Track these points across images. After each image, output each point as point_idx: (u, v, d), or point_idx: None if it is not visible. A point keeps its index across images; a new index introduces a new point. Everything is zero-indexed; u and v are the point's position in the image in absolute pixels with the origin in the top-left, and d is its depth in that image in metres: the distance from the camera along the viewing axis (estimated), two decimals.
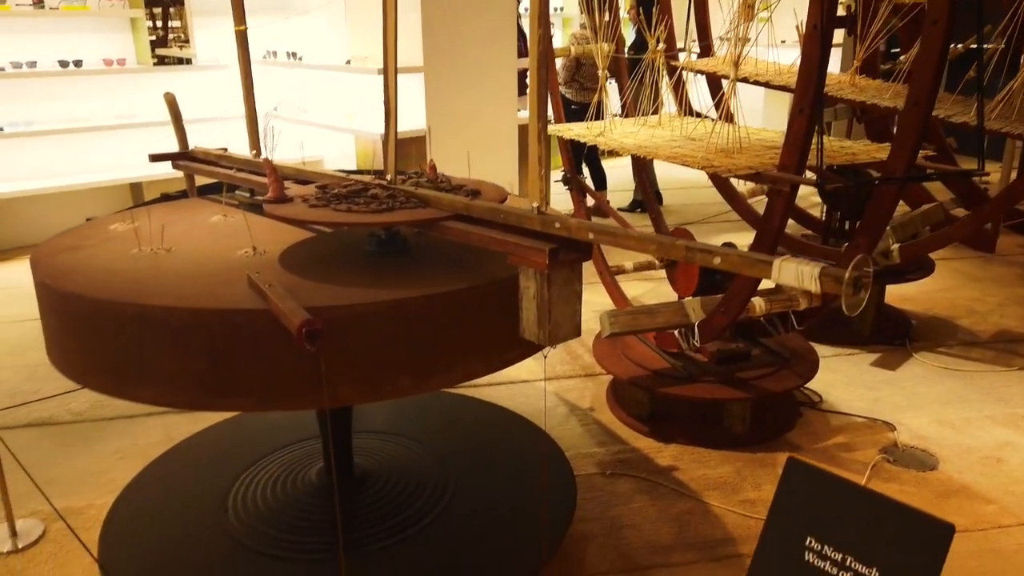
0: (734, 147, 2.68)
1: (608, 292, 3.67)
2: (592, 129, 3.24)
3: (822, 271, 1.19)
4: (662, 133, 3.08)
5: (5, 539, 2.34)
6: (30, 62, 5.27)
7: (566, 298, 1.46)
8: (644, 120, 3.35)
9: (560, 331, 1.47)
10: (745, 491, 2.58)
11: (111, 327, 1.46)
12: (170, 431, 2.99)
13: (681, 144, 2.81)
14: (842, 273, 1.15)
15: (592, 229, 1.49)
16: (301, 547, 2.02)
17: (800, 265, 1.23)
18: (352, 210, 1.67)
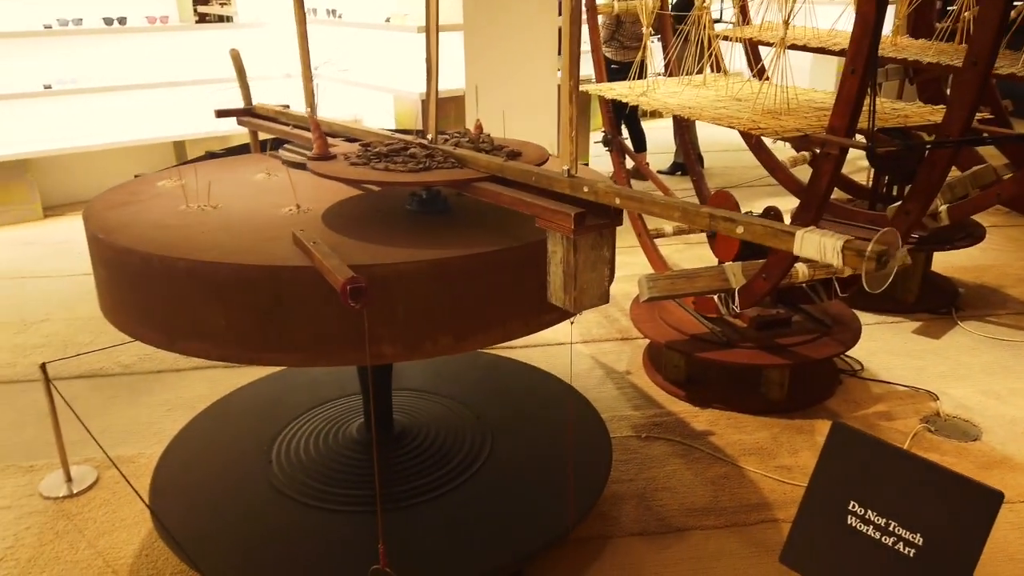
0: (781, 108, 2.61)
1: (647, 255, 3.63)
2: (634, 89, 3.18)
3: (845, 244, 1.14)
4: (706, 93, 3.01)
5: (61, 485, 2.44)
6: (76, 19, 5.33)
7: (593, 264, 1.43)
8: (688, 79, 3.28)
9: (586, 297, 1.45)
10: (781, 457, 2.58)
11: (162, 281, 1.50)
12: (215, 384, 3.07)
13: (726, 105, 2.75)
14: (865, 246, 1.10)
15: (620, 194, 1.45)
16: (341, 499, 2.08)
17: (824, 237, 1.18)
18: (389, 169, 1.67)
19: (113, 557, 2.14)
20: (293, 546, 1.95)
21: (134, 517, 2.30)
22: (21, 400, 2.99)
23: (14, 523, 2.28)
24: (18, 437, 2.73)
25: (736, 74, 3.42)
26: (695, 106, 2.74)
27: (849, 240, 1.13)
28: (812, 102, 2.77)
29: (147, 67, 5.69)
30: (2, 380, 3.14)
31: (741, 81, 3.18)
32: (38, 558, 2.14)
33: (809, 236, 1.18)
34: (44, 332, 3.57)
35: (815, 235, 1.18)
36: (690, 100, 2.86)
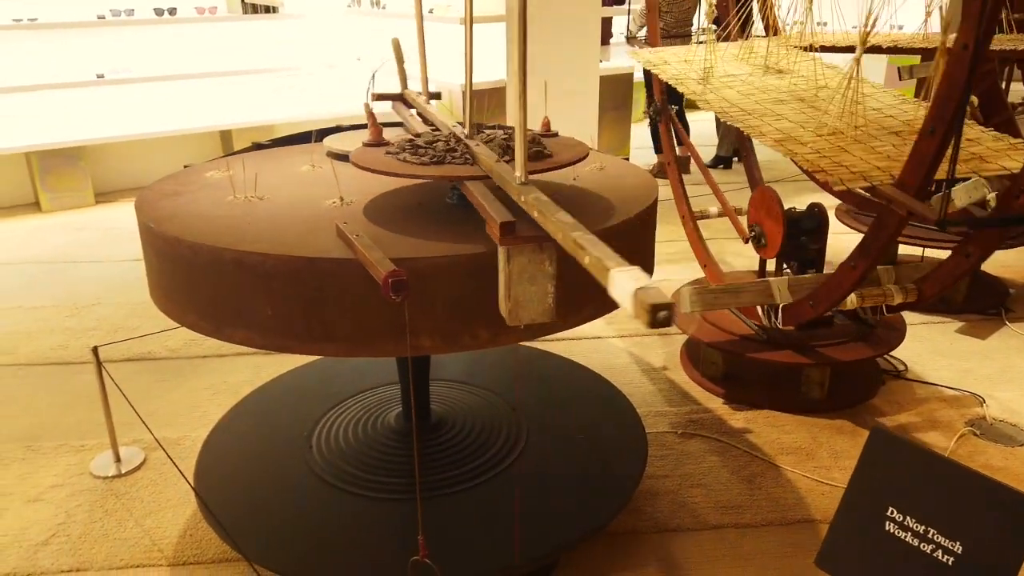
0: (849, 127, 2.46)
1: (688, 238, 3.50)
2: (690, 67, 3.06)
3: (636, 291, 1.00)
4: (767, 85, 2.88)
5: (110, 464, 2.52)
6: (128, 10, 5.46)
7: (531, 276, 1.34)
8: (750, 48, 3.13)
9: (523, 311, 1.35)
10: (820, 457, 2.55)
11: (209, 270, 1.54)
12: (259, 370, 3.14)
13: (789, 113, 2.63)
14: (652, 299, 0.98)
15: (539, 207, 1.32)
16: (380, 487, 2.11)
17: (627, 281, 1.04)
18: (407, 161, 1.67)
19: (159, 536, 2.21)
20: (332, 532, 1.99)
21: (179, 498, 2.37)
22: (73, 382, 3.09)
23: (66, 500, 2.37)
24: (71, 417, 2.83)
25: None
26: (755, 111, 2.64)
27: (642, 288, 1.01)
28: (884, 114, 2.63)
29: (196, 57, 5.81)
30: (55, 362, 3.25)
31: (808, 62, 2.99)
32: (88, 534, 2.22)
33: (615, 276, 1.07)
34: (95, 316, 3.69)
35: (621, 276, 1.06)
36: (751, 101, 2.75)
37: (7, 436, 2.71)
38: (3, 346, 3.38)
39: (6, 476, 2.49)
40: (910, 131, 2.46)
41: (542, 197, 1.36)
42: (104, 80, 5.39)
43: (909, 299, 2.57)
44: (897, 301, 2.58)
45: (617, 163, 2.25)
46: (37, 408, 2.89)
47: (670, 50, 3.34)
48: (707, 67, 3.02)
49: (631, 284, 1.01)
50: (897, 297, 2.55)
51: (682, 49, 3.29)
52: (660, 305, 0.95)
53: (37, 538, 2.20)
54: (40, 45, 5.34)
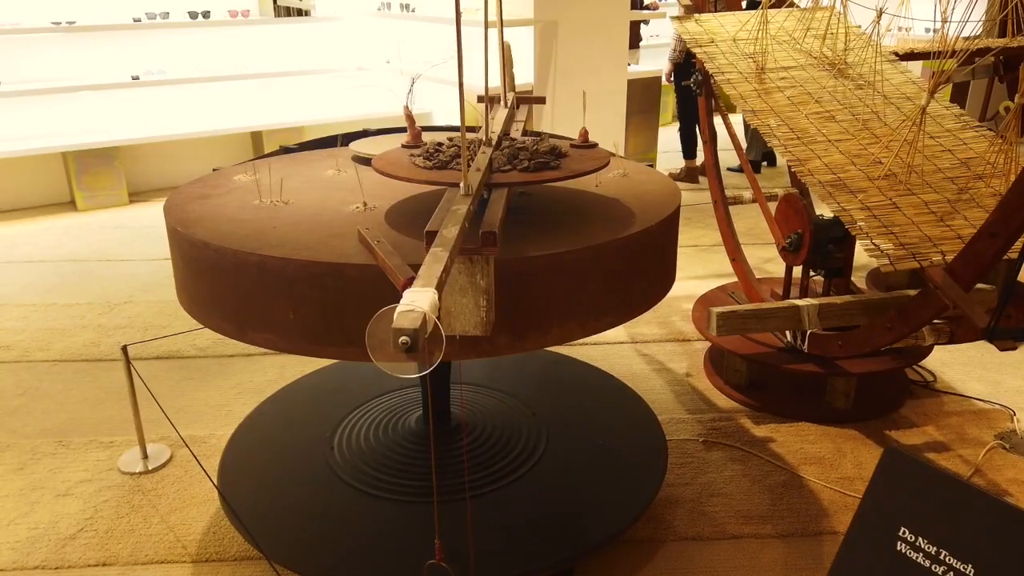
0: (904, 172, 2.38)
1: (719, 225, 3.40)
2: (740, 47, 2.94)
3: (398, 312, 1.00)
4: (829, 89, 2.79)
5: (137, 461, 2.57)
6: (163, 13, 5.56)
7: (462, 288, 1.33)
8: (811, 17, 2.98)
9: (456, 321, 1.34)
10: (844, 468, 2.51)
11: (234, 274, 1.56)
12: (283, 370, 3.18)
13: (841, 138, 2.54)
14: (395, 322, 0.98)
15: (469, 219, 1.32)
16: (400, 489, 2.13)
17: (413, 297, 1.04)
18: (417, 165, 1.68)
19: (183, 532, 2.24)
20: (351, 533, 2.01)
21: (203, 495, 2.41)
22: (103, 378, 3.15)
23: (94, 495, 2.42)
24: (100, 414, 2.89)
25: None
26: (803, 132, 2.55)
27: (404, 312, 1.02)
28: (939, 145, 2.52)
29: (228, 60, 5.90)
30: (87, 359, 3.32)
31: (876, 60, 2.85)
32: (115, 529, 2.26)
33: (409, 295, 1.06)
34: (127, 313, 3.76)
35: (410, 294, 1.05)
36: (799, 113, 2.66)
37: (40, 431, 2.78)
38: (38, 342, 3.46)
39: (38, 470, 2.55)
40: (968, 177, 2.40)
41: (460, 210, 1.35)
42: (139, 82, 5.49)
43: (941, 341, 2.52)
44: (928, 343, 2.54)
45: (640, 169, 2.24)
46: (69, 404, 2.96)
47: (718, 20, 3.23)
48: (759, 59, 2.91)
49: (402, 303, 1.05)
50: (928, 338, 2.50)
51: (731, 19, 3.18)
52: (400, 330, 0.99)
53: (66, 532, 2.25)
54: (77, 47, 5.46)
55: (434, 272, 1.13)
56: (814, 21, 3.21)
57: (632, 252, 1.68)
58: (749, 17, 3.19)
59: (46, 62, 5.40)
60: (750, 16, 3.19)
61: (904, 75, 3.04)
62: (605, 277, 1.64)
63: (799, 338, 2.78)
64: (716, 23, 3.25)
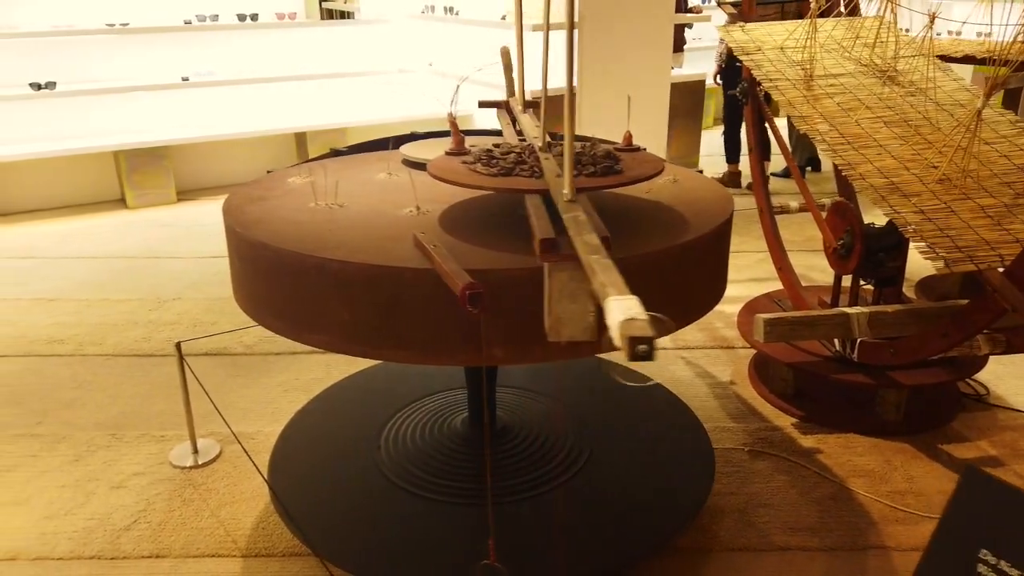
0: (960, 176, 2.33)
1: (765, 235, 3.36)
2: (787, 55, 2.91)
3: (622, 322, 0.96)
4: (878, 96, 2.76)
5: (188, 455, 2.62)
6: (213, 15, 5.67)
7: (572, 294, 1.31)
8: (859, 25, 2.95)
9: (564, 328, 1.33)
10: (895, 482, 2.47)
11: (292, 276, 1.59)
12: (330, 369, 3.22)
13: (893, 144, 2.51)
14: (626, 329, 0.93)
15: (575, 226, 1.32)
16: (446, 490, 2.14)
17: (618, 308, 1.00)
18: (476, 171, 1.69)
19: (233, 527, 2.28)
20: (399, 533, 2.03)
21: (252, 491, 2.45)
22: (154, 373, 3.23)
23: (147, 488, 2.47)
24: (152, 408, 2.96)
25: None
26: (854, 137, 2.51)
27: (628, 320, 0.97)
28: (995, 151, 2.47)
29: (275, 61, 6.00)
30: (138, 354, 3.40)
31: (929, 69, 2.77)
32: (167, 522, 2.31)
33: (612, 303, 1.03)
34: (176, 310, 3.84)
35: (615, 304, 1.02)
36: (850, 119, 2.62)
37: (95, 423, 2.85)
38: (93, 336, 3.55)
39: (93, 462, 2.62)
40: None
41: (580, 216, 1.35)
42: (189, 83, 5.60)
43: (996, 350, 2.45)
44: (984, 352, 2.48)
45: (691, 175, 2.23)
46: (122, 397, 3.03)
47: (765, 28, 3.20)
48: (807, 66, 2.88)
49: (620, 314, 1.00)
50: (984, 348, 2.44)
51: (778, 28, 3.15)
52: (636, 338, 0.94)
53: (120, 523, 2.31)
54: (130, 49, 5.60)
55: (616, 280, 1.12)
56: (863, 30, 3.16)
57: (688, 259, 1.67)
58: (796, 26, 3.16)
59: (100, 63, 5.55)
60: (797, 25, 3.15)
61: (956, 82, 2.98)
62: (661, 284, 1.64)
63: (848, 347, 2.74)
64: (763, 32, 3.22)
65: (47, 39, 5.29)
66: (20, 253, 4.71)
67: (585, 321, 1.30)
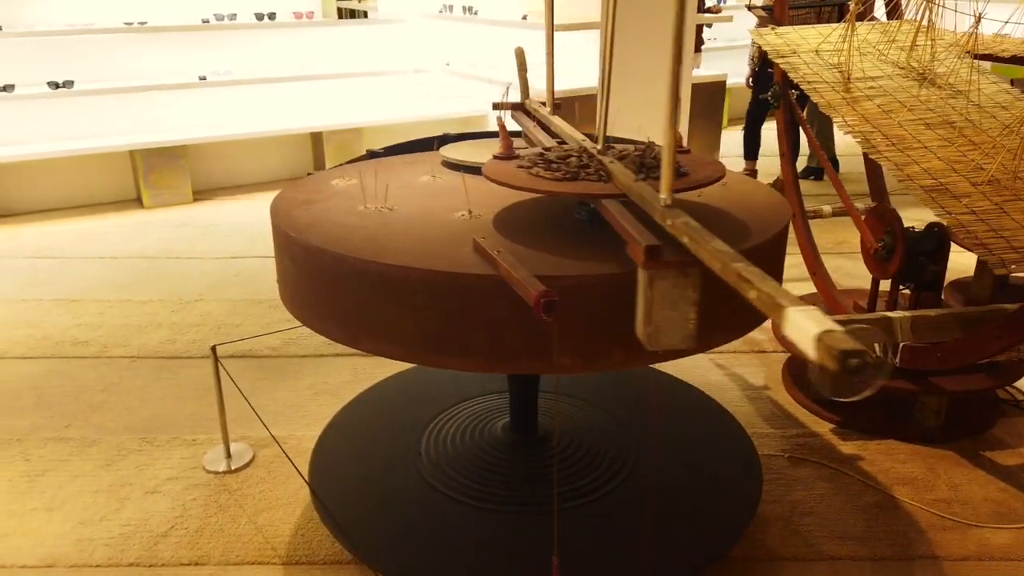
0: (1009, 177, 2.30)
1: (797, 240, 3.30)
2: (822, 58, 2.89)
3: (820, 334, 0.91)
4: (919, 98, 2.72)
5: (221, 459, 2.59)
6: (231, 15, 5.64)
7: (673, 302, 1.30)
8: (896, 29, 2.87)
9: (663, 336, 1.31)
10: (939, 489, 2.43)
11: (351, 282, 1.56)
12: (358, 372, 3.19)
13: (938, 146, 2.47)
14: (840, 344, 0.88)
15: (689, 233, 1.30)
16: (490, 497, 2.11)
17: (807, 320, 0.95)
18: (540, 176, 1.66)
19: (272, 534, 2.25)
20: (443, 539, 2.00)
21: (288, 497, 2.42)
22: (181, 376, 3.20)
23: (182, 493, 2.44)
24: (181, 411, 2.93)
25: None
26: (898, 139, 2.47)
27: (827, 331, 0.91)
28: None
29: (293, 61, 5.97)
30: (163, 355, 3.37)
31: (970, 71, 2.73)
32: (204, 528, 2.28)
33: (794, 316, 0.99)
34: (199, 311, 3.81)
35: (800, 316, 0.97)
36: (892, 121, 2.60)
37: (125, 426, 2.82)
38: (115, 338, 3.52)
39: (125, 466, 2.59)
40: None
41: (691, 222, 1.33)
42: (206, 82, 5.57)
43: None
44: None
45: (739, 179, 2.20)
46: (150, 400, 3.00)
47: (799, 33, 3.17)
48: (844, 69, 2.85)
49: (813, 326, 0.94)
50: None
51: (812, 32, 3.12)
52: (851, 352, 0.89)
53: (157, 529, 2.28)
54: (148, 48, 5.57)
55: (777, 288, 1.07)
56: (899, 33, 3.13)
57: None
58: (831, 30, 3.13)
59: (117, 62, 5.52)
60: (832, 28, 3.12)
61: (995, 84, 2.95)
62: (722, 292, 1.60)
63: (890, 352, 2.70)
64: (797, 35, 3.18)
65: (65, 38, 5.26)
66: (39, 253, 4.68)
67: (685, 329, 1.28)
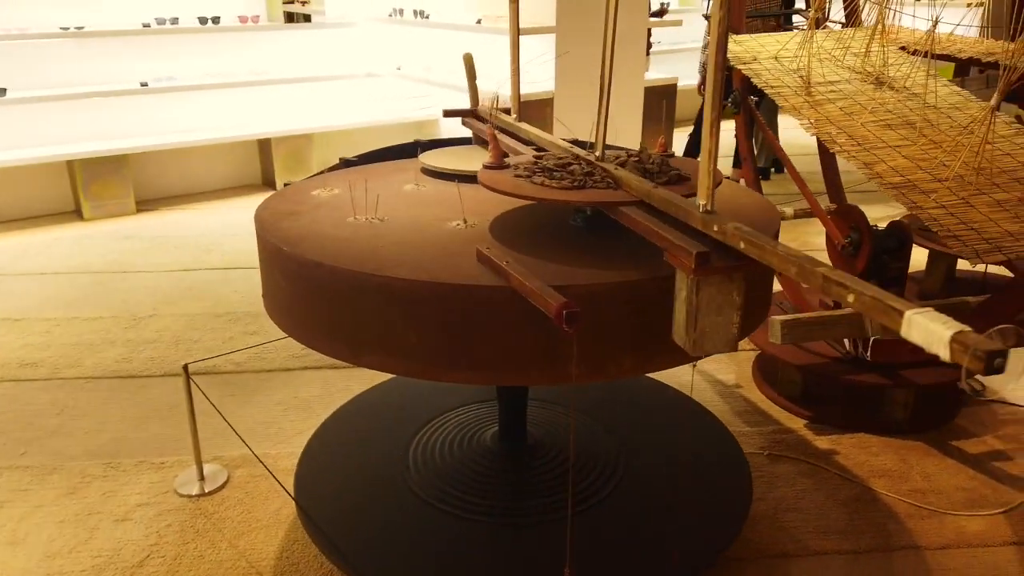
0: (972, 173, 2.36)
1: None
2: (783, 64, 2.97)
3: (955, 336, 0.94)
4: (878, 100, 2.81)
5: (194, 482, 2.49)
6: (173, 18, 5.45)
7: (718, 307, 1.33)
8: (850, 36, 3.00)
9: (708, 341, 1.35)
10: (913, 480, 2.51)
11: (351, 296, 1.51)
12: (328, 385, 3.11)
13: (901, 144, 2.55)
14: (975, 343, 0.91)
15: (745, 238, 1.33)
16: (484, 510, 2.08)
17: (933, 323, 0.98)
18: (545, 184, 1.65)
19: (255, 558, 2.17)
20: (437, 554, 1.96)
21: (269, 518, 2.34)
22: (141, 395, 3.06)
23: (155, 520, 2.34)
24: (145, 433, 2.80)
25: None
26: (863, 139, 2.53)
27: (961, 332, 0.95)
28: (998, 151, 2.51)
29: (238, 66, 5.80)
30: (120, 375, 3.22)
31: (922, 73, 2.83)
32: (183, 556, 2.18)
33: (918, 319, 1.00)
34: (154, 327, 3.66)
35: (924, 319, 0.99)
36: (854, 122, 2.67)
37: (86, 451, 2.68)
38: (67, 358, 3.36)
39: (90, 494, 2.46)
40: None
41: (744, 227, 1.33)
42: (148, 88, 5.38)
43: (1011, 343, 2.51)
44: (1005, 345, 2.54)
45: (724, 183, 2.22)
46: (110, 423, 2.86)
47: (757, 40, 3.23)
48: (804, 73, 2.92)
49: (944, 329, 0.96)
50: (1009, 340, 2.51)
51: (770, 40, 3.18)
52: (995, 352, 0.90)
53: (132, 559, 2.17)
54: (86, 53, 5.34)
55: (883, 292, 1.09)
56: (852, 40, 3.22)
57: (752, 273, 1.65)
58: (789, 37, 3.20)
59: (54, 69, 5.27)
60: (789, 36, 3.20)
61: (947, 87, 3.06)
62: None
63: (860, 346, 2.77)
64: (755, 43, 3.25)
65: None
66: None
67: (729, 333, 1.28)
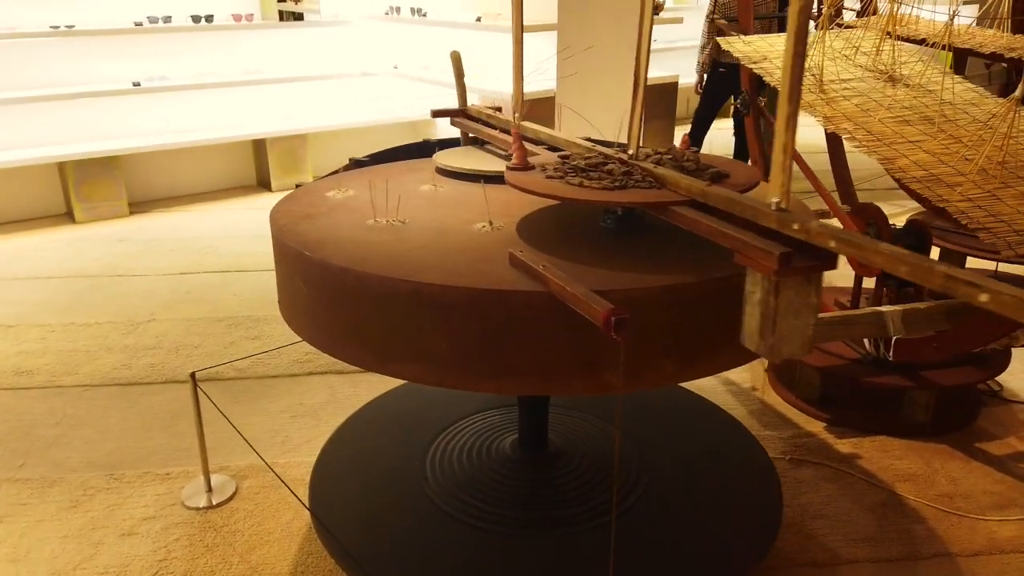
0: (994, 166, 2.30)
1: None
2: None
3: None
4: (893, 98, 2.77)
5: (201, 494, 2.40)
6: (165, 17, 5.35)
7: (797, 310, 1.27)
8: (860, 36, 2.98)
9: (785, 345, 1.28)
10: (940, 484, 2.46)
11: (379, 303, 1.44)
12: (334, 391, 3.03)
13: (920, 139, 2.50)
14: None
15: (836, 237, 1.26)
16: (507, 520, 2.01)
17: None
18: (584, 185, 1.60)
19: (269, 573, 2.09)
20: (459, 568, 1.89)
21: (281, 530, 2.26)
22: (142, 403, 2.97)
23: (163, 534, 2.25)
24: (148, 443, 2.71)
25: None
26: (881, 134, 2.49)
27: None
28: (1018, 144, 2.51)
29: (232, 65, 5.70)
30: (120, 382, 3.13)
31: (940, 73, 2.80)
32: (193, 572, 2.10)
33: None
34: (152, 333, 3.57)
35: None
36: (872, 118, 2.62)
37: (86, 463, 2.59)
38: (64, 365, 3.26)
39: (93, 507, 2.37)
40: None
41: (829, 225, 1.27)
42: (140, 88, 5.27)
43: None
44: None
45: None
46: (111, 432, 2.77)
47: (766, 40, 3.19)
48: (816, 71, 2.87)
49: None
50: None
51: (778, 39, 3.13)
52: None
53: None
54: (77, 52, 5.22)
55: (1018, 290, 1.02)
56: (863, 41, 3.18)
57: None
58: None
59: (44, 68, 5.16)
60: None
61: (961, 83, 3.02)
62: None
63: (881, 346, 2.72)
64: (764, 43, 3.21)
65: None
66: None
67: (805, 336, 1.23)
